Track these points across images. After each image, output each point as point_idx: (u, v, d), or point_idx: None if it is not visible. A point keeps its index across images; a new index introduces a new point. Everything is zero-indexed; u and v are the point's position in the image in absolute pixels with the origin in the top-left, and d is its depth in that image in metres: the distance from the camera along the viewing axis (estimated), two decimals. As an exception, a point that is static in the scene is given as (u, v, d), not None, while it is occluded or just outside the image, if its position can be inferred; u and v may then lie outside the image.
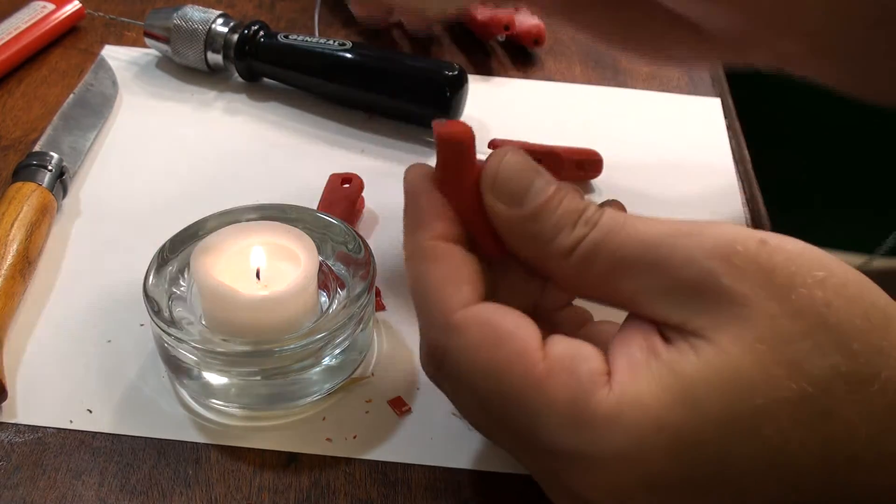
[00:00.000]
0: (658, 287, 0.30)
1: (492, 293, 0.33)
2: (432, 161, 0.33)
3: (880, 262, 0.48)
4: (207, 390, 0.40)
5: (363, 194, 0.51)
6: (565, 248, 0.31)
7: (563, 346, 0.30)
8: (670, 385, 0.28)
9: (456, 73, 0.56)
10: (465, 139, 0.32)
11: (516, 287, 0.36)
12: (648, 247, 0.30)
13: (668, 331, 0.30)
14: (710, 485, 0.29)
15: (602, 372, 0.30)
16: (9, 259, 0.43)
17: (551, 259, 0.31)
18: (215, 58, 0.59)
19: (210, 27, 0.59)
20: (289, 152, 0.56)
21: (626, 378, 0.29)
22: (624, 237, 0.30)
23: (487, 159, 0.32)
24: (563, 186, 0.32)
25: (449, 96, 0.55)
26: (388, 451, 0.39)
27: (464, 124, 0.32)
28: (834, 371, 0.28)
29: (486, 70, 0.64)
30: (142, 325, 0.44)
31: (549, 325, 0.36)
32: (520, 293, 0.36)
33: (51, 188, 0.48)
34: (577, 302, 0.37)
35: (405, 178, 0.34)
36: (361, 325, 0.40)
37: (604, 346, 0.34)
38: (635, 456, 0.29)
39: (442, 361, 0.32)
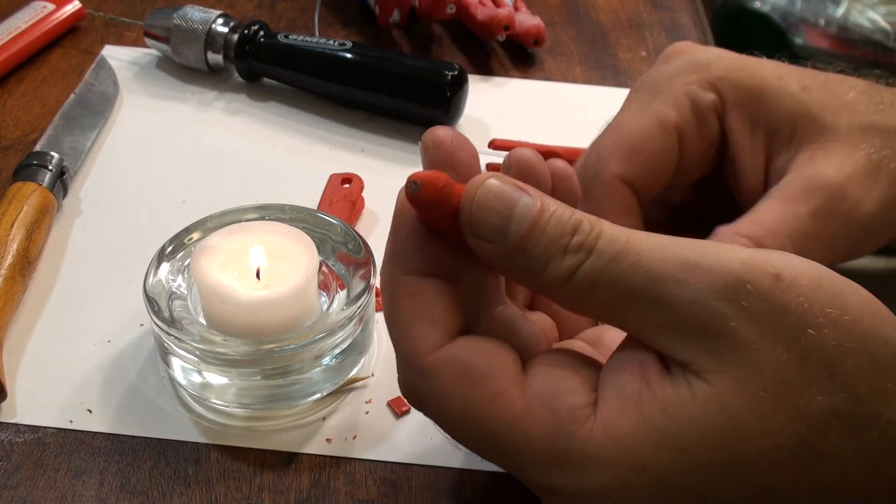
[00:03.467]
0: (663, 323, 0.28)
1: (484, 302, 0.33)
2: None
3: (882, 262, 0.48)
4: (207, 390, 0.40)
5: (363, 194, 0.51)
6: (559, 276, 0.29)
7: (543, 380, 0.30)
8: (659, 426, 0.28)
9: (456, 73, 0.56)
10: (434, 199, 0.29)
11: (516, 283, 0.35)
12: (654, 281, 0.28)
13: (669, 361, 0.29)
14: None
15: (584, 405, 0.29)
16: (9, 259, 0.43)
17: (548, 287, 0.30)
18: (215, 58, 0.59)
19: (210, 27, 0.59)
20: (289, 152, 0.56)
21: (612, 413, 0.28)
22: (627, 267, 0.28)
23: (462, 194, 0.30)
24: (547, 206, 0.29)
25: (449, 96, 0.55)
26: (388, 451, 0.39)
27: (434, 178, 0.29)
28: (834, 414, 0.27)
29: (486, 70, 0.64)
30: (142, 325, 0.44)
31: (553, 317, 0.36)
32: (520, 288, 0.36)
33: (51, 188, 0.48)
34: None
35: (398, 199, 0.32)
36: (361, 325, 0.40)
37: (605, 346, 0.34)
38: (618, 494, 0.28)
39: (420, 403, 0.31)
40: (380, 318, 0.45)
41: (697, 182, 0.41)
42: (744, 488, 0.28)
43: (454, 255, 0.31)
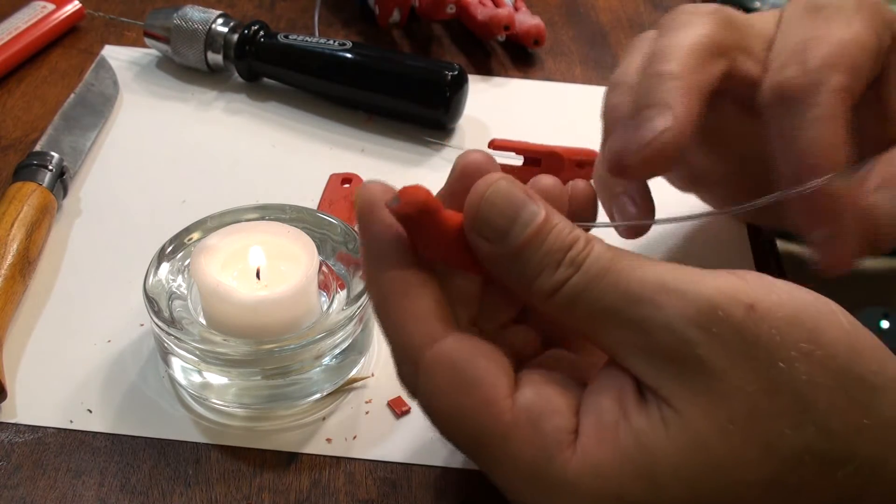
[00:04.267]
0: (636, 345, 0.28)
1: (472, 301, 0.33)
2: (432, 163, 0.33)
3: (882, 262, 0.48)
4: (207, 390, 0.40)
5: (363, 194, 0.51)
6: (546, 290, 0.29)
7: (532, 396, 0.29)
8: (634, 458, 0.28)
9: (456, 73, 0.56)
10: (423, 209, 0.29)
11: (504, 291, 0.35)
12: (630, 302, 0.28)
13: (643, 387, 0.29)
14: None
15: (568, 430, 0.29)
16: (9, 259, 0.43)
17: (534, 298, 0.30)
18: (215, 58, 0.59)
19: (210, 27, 0.59)
20: (289, 152, 0.56)
21: (591, 442, 0.28)
22: (606, 286, 0.28)
23: (472, 189, 0.30)
24: (551, 218, 0.29)
25: (449, 96, 0.55)
26: (388, 451, 0.39)
27: (414, 193, 0.29)
28: (807, 450, 0.27)
29: (486, 70, 0.64)
30: (142, 325, 0.44)
31: (539, 326, 0.36)
32: (507, 298, 0.36)
33: (51, 188, 0.48)
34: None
35: (356, 200, 0.31)
36: (361, 325, 0.40)
37: (589, 351, 0.34)
38: None
39: (413, 395, 0.31)
40: (380, 318, 0.45)
41: None
42: None
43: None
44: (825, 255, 0.36)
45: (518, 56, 0.65)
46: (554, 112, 0.60)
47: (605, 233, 0.34)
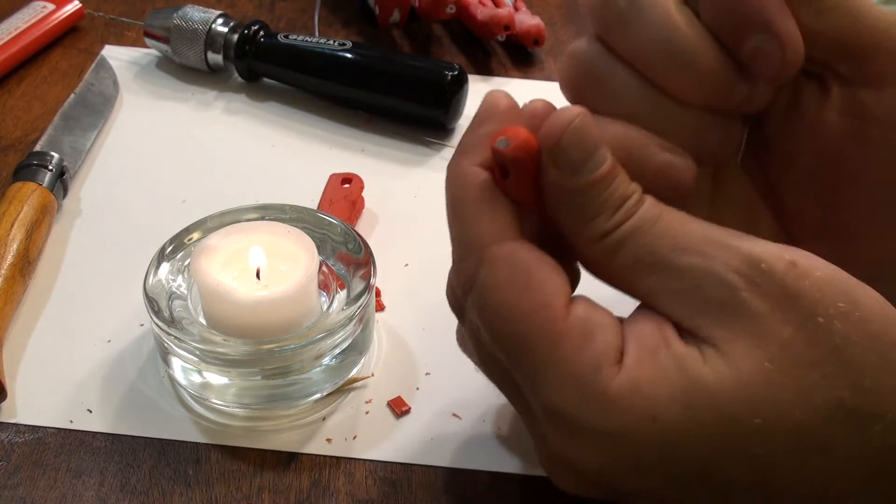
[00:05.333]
0: (676, 291, 0.29)
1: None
2: (432, 163, 0.33)
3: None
4: (207, 390, 0.40)
5: (363, 194, 0.51)
6: (598, 233, 0.30)
7: (586, 309, 0.30)
8: (674, 381, 0.28)
9: (456, 73, 0.56)
10: (530, 157, 0.30)
11: None
12: (675, 250, 0.29)
13: (680, 330, 0.30)
14: (692, 484, 0.29)
15: (616, 347, 0.29)
16: (9, 259, 0.43)
17: (583, 237, 0.31)
18: (215, 58, 0.59)
19: (210, 27, 0.59)
20: (289, 152, 0.56)
21: (633, 362, 0.29)
22: (655, 234, 0.30)
23: (554, 116, 0.31)
24: (617, 166, 0.30)
25: (449, 96, 0.55)
26: (388, 451, 0.39)
27: (529, 140, 0.30)
28: (839, 406, 0.27)
29: (486, 70, 0.64)
30: (142, 325, 0.44)
31: None
32: None
33: (51, 188, 0.48)
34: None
35: (485, 98, 0.33)
36: (361, 325, 0.40)
37: None
38: (625, 440, 0.29)
39: (469, 290, 0.31)
40: (380, 317, 0.45)
41: None
42: (745, 461, 0.28)
43: None
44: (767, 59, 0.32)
45: (518, 56, 0.65)
46: (554, 112, 0.60)
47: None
